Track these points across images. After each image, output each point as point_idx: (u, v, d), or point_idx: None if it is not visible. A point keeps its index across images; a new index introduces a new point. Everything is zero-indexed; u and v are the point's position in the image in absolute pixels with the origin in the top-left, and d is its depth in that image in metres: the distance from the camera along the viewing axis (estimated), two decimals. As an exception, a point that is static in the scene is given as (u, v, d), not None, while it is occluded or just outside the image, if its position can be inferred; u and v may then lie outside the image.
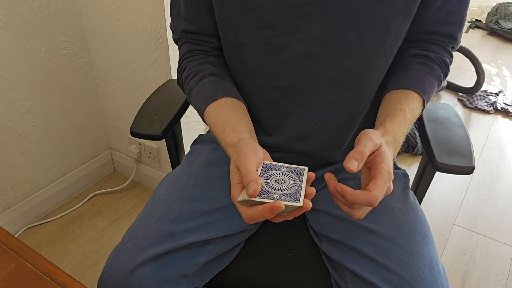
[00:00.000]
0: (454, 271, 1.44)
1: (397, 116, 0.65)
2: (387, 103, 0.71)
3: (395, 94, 0.71)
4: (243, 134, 0.64)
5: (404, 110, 0.67)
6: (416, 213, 0.73)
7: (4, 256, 0.62)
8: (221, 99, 0.70)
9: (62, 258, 1.43)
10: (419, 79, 0.72)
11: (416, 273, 0.63)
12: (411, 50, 0.76)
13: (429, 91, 0.72)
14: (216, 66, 0.76)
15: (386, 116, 0.66)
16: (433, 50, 0.75)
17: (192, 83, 0.75)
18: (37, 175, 1.53)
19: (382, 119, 0.66)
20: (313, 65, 0.69)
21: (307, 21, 0.66)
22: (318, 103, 0.72)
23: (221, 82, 0.74)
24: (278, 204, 0.52)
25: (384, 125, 0.64)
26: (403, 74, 0.73)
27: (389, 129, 0.63)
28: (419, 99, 0.70)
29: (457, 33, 0.74)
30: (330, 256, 0.72)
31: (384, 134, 0.61)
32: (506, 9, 3.41)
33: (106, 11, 1.35)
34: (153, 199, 0.77)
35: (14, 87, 1.34)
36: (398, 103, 0.68)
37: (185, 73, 0.77)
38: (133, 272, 0.64)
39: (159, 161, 1.62)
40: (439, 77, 0.75)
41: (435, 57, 0.74)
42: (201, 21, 0.75)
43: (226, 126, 0.66)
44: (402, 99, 0.69)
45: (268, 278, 0.74)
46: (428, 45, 0.75)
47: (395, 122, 0.64)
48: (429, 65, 0.74)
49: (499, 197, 1.79)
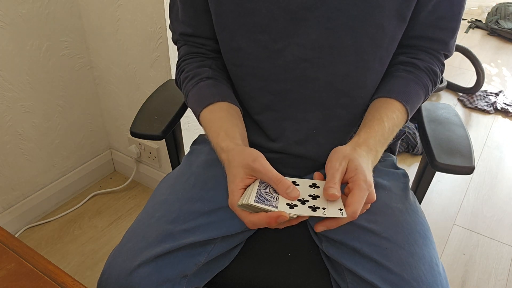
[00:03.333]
0: (454, 271, 1.44)
1: (373, 126, 0.67)
2: (368, 112, 0.71)
3: (377, 103, 0.72)
4: (238, 141, 0.66)
5: (382, 120, 0.67)
6: (416, 213, 0.73)
7: (4, 256, 0.62)
8: (216, 103, 0.71)
9: (62, 258, 1.44)
10: (403, 88, 0.72)
11: (416, 273, 0.63)
12: (400, 57, 0.75)
13: (413, 100, 0.72)
14: (214, 69, 0.77)
15: (363, 126, 0.68)
16: (421, 58, 0.74)
17: (190, 86, 0.75)
18: (37, 175, 1.53)
19: (359, 130, 0.68)
20: (310, 69, 0.69)
21: (303, 25, 0.66)
22: (316, 107, 0.73)
23: (217, 86, 0.74)
24: (284, 214, 0.54)
25: (358, 136, 0.65)
26: (388, 82, 0.73)
27: (362, 140, 0.64)
28: (401, 108, 0.70)
29: (449, 39, 0.73)
30: (330, 256, 0.72)
31: (356, 147, 0.63)
32: (506, 9, 3.41)
33: (106, 11, 1.35)
34: (153, 199, 0.77)
35: (14, 87, 1.34)
36: (378, 113, 0.69)
37: (183, 75, 0.78)
38: (133, 272, 0.64)
39: (159, 161, 1.62)
40: (426, 86, 0.74)
41: (423, 66, 0.73)
42: (198, 24, 0.75)
43: (220, 131, 0.67)
44: (382, 109, 0.70)
45: (268, 278, 0.74)
46: (418, 52, 0.74)
47: (369, 132, 0.66)
48: (415, 74, 0.73)
49: (499, 197, 1.79)
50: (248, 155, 0.60)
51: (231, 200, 0.59)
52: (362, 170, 0.58)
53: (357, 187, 0.56)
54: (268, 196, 0.57)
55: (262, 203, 0.55)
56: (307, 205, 0.57)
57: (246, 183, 0.60)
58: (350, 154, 0.60)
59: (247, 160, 0.60)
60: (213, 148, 0.69)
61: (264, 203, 0.55)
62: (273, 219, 0.54)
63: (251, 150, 0.62)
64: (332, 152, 0.62)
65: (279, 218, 0.54)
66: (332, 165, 0.59)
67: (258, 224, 0.56)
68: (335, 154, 0.61)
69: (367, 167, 0.60)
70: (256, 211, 0.57)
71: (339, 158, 0.60)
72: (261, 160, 0.59)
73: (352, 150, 0.62)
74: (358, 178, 0.57)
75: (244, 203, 0.56)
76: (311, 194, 0.60)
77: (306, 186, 0.61)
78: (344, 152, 0.61)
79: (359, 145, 0.63)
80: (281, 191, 0.57)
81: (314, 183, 0.62)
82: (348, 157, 0.60)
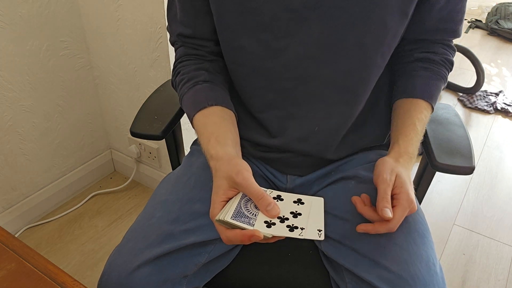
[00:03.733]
0: (454, 271, 1.44)
1: (409, 133, 0.70)
2: (397, 116, 0.74)
3: (404, 105, 0.74)
4: (228, 149, 0.66)
5: (415, 124, 0.71)
6: (415, 212, 0.73)
7: (4, 256, 0.62)
8: (210, 107, 0.71)
9: (62, 258, 1.44)
10: (426, 86, 0.75)
11: (413, 271, 0.63)
12: (415, 53, 0.77)
13: (435, 95, 0.75)
14: (210, 72, 0.76)
15: (399, 134, 0.71)
16: (436, 51, 0.77)
17: (185, 89, 0.75)
18: (37, 175, 1.53)
19: (395, 138, 0.71)
20: (312, 67, 0.69)
21: (305, 24, 0.66)
22: (319, 105, 0.73)
23: (213, 89, 0.74)
24: (258, 233, 0.55)
25: (398, 145, 0.69)
26: (411, 82, 0.76)
27: (403, 149, 0.68)
28: (427, 107, 0.74)
29: (458, 27, 0.76)
30: (329, 256, 0.72)
31: (399, 157, 0.67)
32: (506, 9, 3.41)
33: (106, 11, 1.35)
34: (153, 199, 0.77)
35: (14, 87, 1.34)
36: (409, 117, 0.72)
37: (179, 77, 0.77)
38: (133, 273, 0.64)
39: (159, 161, 1.62)
40: (444, 77, 0.77)
41: (440, 59, 0.77)
42: (197, 25, 0.75)
43: (211, 137, 0.68)
44: (411, 111, 0.73)
45: (268, 279, 0.74)
46: (432, 45, 0.77)
47: (407, 140, 0.69)
48: (434, 70, 0.76)
49: (499, 197, 1.79)
50: (232, 167, 0.61)
51: (212, 212, 0.60)
52: (406, 188, 0.62)
53: (400, 205, 0.61)
54: (247, 211, 0.58)
55: (238, 220, 0.56)
56: (285, 224, 0.58)
57: (228, 196, 0.61)
58: (396, 168, 0.64)
59: (230, 172, 0.61)
60: (204, 153, 0.69)
61: (240, 220, 0.56)
62: (247, 237, 0.55)
63: (237, 161, 0.63)
64: (380, 164, 0.65)
65: (253, 237, 0.55)
66: (384, 178, 0.62)
67: (232, 240, 0.57)
68: (384, 166, 0.64)
69: (409, 182, 0.63)
70: (232, 227, 0.57)
71: (388, 171, 0.63)
72: (244, 174, 0.60)
73: (396, 162, 0.65)
74: (401, 197, 0.61)
75: (221, 219, 0.57)
76: (293, 211, 0.60)
77: (291, 202, 0.62)
78: (392, 165, 0.64)
79: (401, 155, 0.67)
80: (262, 208, 0.59)
81: (300, 198, 0.63)
82: (395, 171, 0.63)
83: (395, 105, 0.76)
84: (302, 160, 0.78)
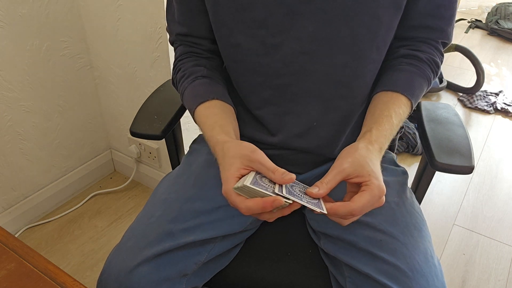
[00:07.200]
0: (454, 271, 1.44)
1: (384, 123, 0.67)
2: (375, 106, 0.72)
3: (384, 97, 0.72)
4: (232, 136, 0.67)
5: (391, 116, 0.68)
6: (412, 207, 0.74)
7: (4, 256, 0.62)
8: (211, 100, 0.72)
9: (62, 258, 1.44)
10: (409, 81, 0.73)
11: (411, 263, 0.63)
12: (401, 50, 0.76)
13: (417, 94, 0.73)
14: (208, 69, 0.78)
15: (373, 122, 0.68)
16: (423, 50, 0.75)
17: (186, 84, 0.76)
18: (37, 175, 1.53)
19: (369, 126, 0.68)
20: (308, 62, 0.70)
21: (299, 19, 0.67)
22: (316, 100, 0.73)
23: (212, 84, 0.76)
24: (279, 199, 0.54)
25: (370, 133, 0.65)
26: (393, 75, 0.74)
27: (374, 137, 0.65)
28: (407, 103, 0.71)
29: (447, 27, 0.75)
30: (328, 252, 0.72)
31: (369, 145, 0.63)
32: (506, 9, 3.41)
33: (106, 11, 1.35)
34: (153, 198, 0.77)
35: (14, 87, 1.34)
36: (386, 109, 0.69)
37: (179, 74, 0.79)
38: (132, 271, 0.64)
39: (159, 161, 1.62)
40: (428, 79, 0.75)
41: (425, 58, 0.75)
42: (193, 24, 0.77)
43: (215, 126, 0.68)
44: (390, 104, 0.70)
45: (268, 278, 0.74)
46: (419, 44, 0.75)
47: (381, 129, 0.66)
48: (418, 66, 0.74)
49: (499, 197, 1.79)
50: (246, 146, 0.61)
51: (225, 187, 0.58)
52: (376, 176, 0.58)
53: (370, 191, 0.57)
54: (264, 183, 0.57)
55: (259, 187, 0.55)
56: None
57: (241, 173, 0.59)
58: (365, 156, 0.60)
59: (245, 151, 0.60)
60: (207, 141, 0.69)
61: (260, 187, 0.56)
62: (269, 203, 0.54)
63: (248, 143, 0.63)
64: (348, 150, 0.61)
65: (275, 202, 0.54)
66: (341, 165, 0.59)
67: (253, 209, 0.55)
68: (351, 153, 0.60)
69: (378, 171, 0.60)
70: (251, 196, 0.57)
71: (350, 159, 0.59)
72: (259, 151, 0.60)
73: (366, 150, 0.61)
74: (372, 183, 0.57)
75: (240, 186, 0.56)
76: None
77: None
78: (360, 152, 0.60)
79: (371, 143, 0.63)
80: (278, 176, 0.57)
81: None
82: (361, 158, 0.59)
83: (374, 97, 0.74)
84: (302, 157, 0.78)
